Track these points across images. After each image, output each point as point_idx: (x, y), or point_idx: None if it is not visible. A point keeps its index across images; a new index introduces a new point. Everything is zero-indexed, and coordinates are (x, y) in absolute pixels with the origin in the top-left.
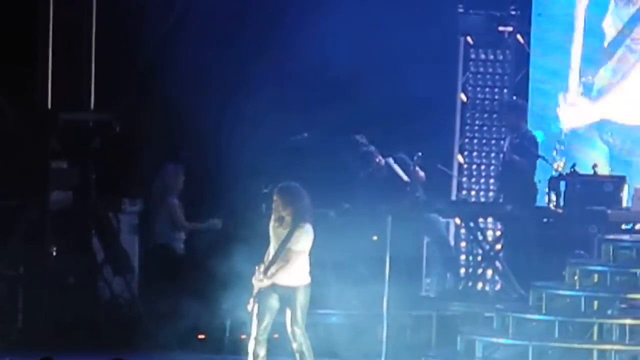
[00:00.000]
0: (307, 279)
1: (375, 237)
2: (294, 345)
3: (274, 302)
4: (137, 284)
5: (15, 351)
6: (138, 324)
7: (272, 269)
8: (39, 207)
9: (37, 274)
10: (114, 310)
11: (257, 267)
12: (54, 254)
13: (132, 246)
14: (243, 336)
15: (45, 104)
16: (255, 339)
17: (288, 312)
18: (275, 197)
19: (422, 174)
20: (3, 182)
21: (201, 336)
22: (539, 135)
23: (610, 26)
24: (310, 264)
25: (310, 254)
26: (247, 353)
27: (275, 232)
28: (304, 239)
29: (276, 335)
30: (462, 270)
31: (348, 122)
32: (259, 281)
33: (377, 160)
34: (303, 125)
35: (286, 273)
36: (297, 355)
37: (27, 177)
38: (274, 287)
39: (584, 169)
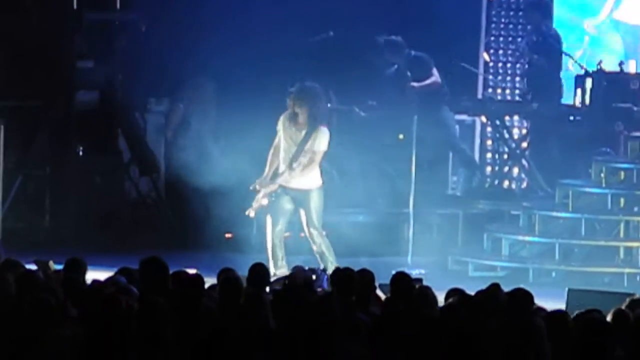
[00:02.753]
0: (319, 182)
1: (401, 136)
2: (314, 247)
3: (287, 204)
4: (163, 183)
5: (42, 250)
6: (165, 223)
7: (298, 168)
8: (65, 107)
9: (64, 173)
10: (141, 210)
11: (257, 183)
12: (81, 153)
13: (158, 146)
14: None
15: (71, 4)
16: (273, 242)
17: (303, 215)
18: (292, 97)
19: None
20: (29, 82)
21: (228, 235)
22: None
23: None
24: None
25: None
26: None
27: (287, 132)
28: (325, 140)
29: (287, 234)
30: (489, 169)
31: (371, 20)
32: (267, 186)
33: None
34: (327, 24)
35: (301, 176)
36: (318, 256)
37: (52, 77)
38: (286, 190)
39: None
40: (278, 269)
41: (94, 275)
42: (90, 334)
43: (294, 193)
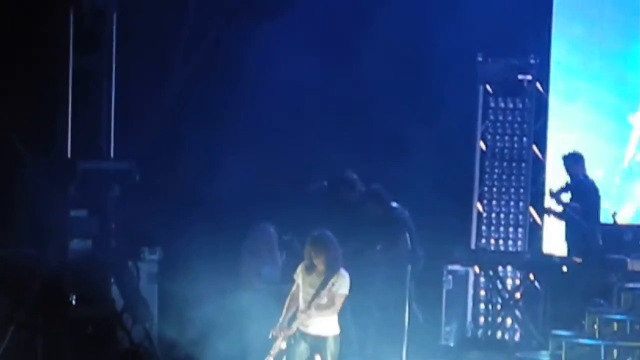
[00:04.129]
0: (337, 329)
1: None
2: None
3: (304, 350)
4: (156, 332)
5: None
6: None
7: (315, 310)
8: (58, 256)
9: (57, 323)
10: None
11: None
12: (73, 302)
13: (151, 295)
14: None
15: (65, 153)
16: None
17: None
18: (308, 246)
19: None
20: (22, 230)
21: None
22: None
23: None
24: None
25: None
26: None
27: (306, 281)
28: (345, 284)
29: None
30: (482, 319)
31: (365, 166)
32: (287, 330)
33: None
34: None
35: (319, 321)
36: None
37: (46, 226)
38: (303, 335)
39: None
40: None
41: None
42: None
43: (311, 339)
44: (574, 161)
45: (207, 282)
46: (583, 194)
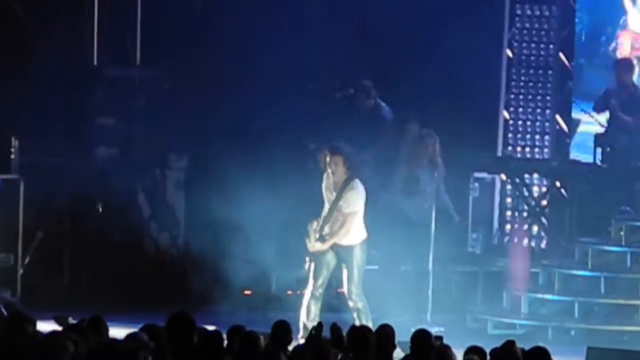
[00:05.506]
0: (362, 236)
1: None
2: (350, 304)
3: (330, 258)
4: (183, 240)
5: (62, 307)
6: (184, 280)
7: (326, 233)
8: (85, 164)
9: (83, 230)
10: (160, 266)
11: (309, 226)
12: (100, 210)
13: (178, 202)
14: (289, 292)
15: (92, 60)
16: (312, 294)
17: (345, 271)
18: (326, 156)
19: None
20: (49, 138)
21: (247, 292)
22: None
23: None
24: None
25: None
26: (292, 309)
27: (326, 192)
28: (355, 200)
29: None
30: (508, 227)
31: (391, 78)
32: (312, 247)
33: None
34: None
35: (342, 234)
36: (354, 314)
37: (73, 133)
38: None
39: None
40: (310, 322)
41: (113, 332)
42: None
43: (338, 248)
44: (628, 68)
45: (233, 189)
46: (633, 105)
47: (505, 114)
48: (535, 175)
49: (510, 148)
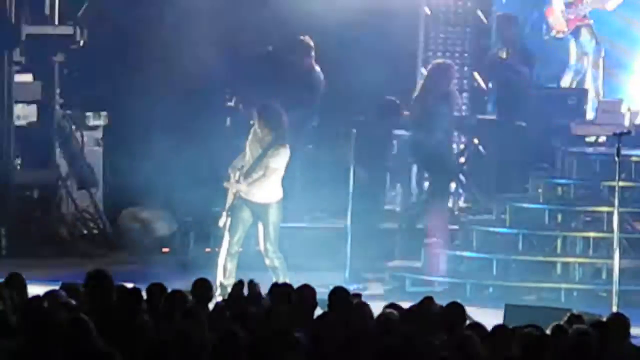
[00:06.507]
0: (279, 195)
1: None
2: (267, 261)
3: (246, 216)
4: (101, 197)
5: None
6: (102, 237)
7: (249, 179)
8: (3, 121)
9: (2, 187)
10: (79, 224)
11: (230, 173)
12: (19, 167)
13: (96, 160)
14: (207, 249)
15: (9, 18)
16: (228, 251)
17: (260, 229)
18: (257, 116)
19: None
20: None
21: (165, 250)
22: None
23: None
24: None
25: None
26: (211, 266)
27: (251, 146)
28: (281, 158)
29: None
30: (426, 184)
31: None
32: (233, 185)
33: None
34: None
35: (259, 189)
36: (271, 271)
37: None
38: (246, 202)
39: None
40: (226, 280)
41: (33, 289)
42: (26, 347)
43: (253, 206)
44: (513, 23)
45: (152, 147)
46: (527, 59)
47: (424, 70)
48: (454, 133)
49: None
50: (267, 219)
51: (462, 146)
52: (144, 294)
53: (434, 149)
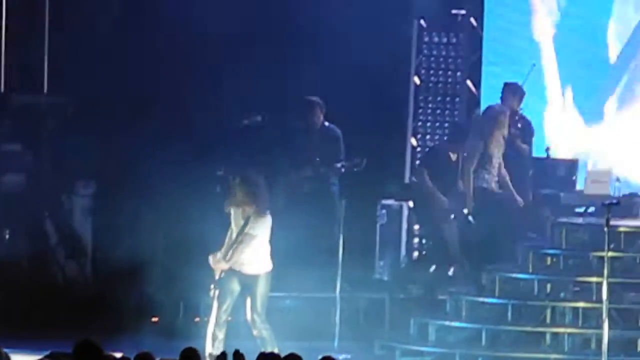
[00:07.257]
0: (268, 266)
1: None
2: (254, 332)
3: (235, 286)
4: (90, 267)
5: None
6: (91, 308)
7: (231, 253)
8: None
9: None
10: (67, 294)
11: (213, 254)
12: (7, 237)
13: (85, 229)
14: (197, 319)
15: None
16: (216, 321)
17: (248, 300)
18: (236, 186)
19: None
20: None
21: (154, 319)
22: None
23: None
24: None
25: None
26: (200, 336)
27: (234, 219)
28: (262, 224)
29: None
30: (415, 254)
31: (298, 104)
32: (217, 263)
33: None
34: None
35: (247, 260)
36: (259, 341)
37: None
38: (235, 273)
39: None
40: (215, 349)
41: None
42: None
43: (242, 277)
44: (512, 92)
45: (141, 217)
46: (527, 135)
47: (413, 141)
48: None
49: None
50: (255, 290)
51: (452, 216)
52: None
53: None
